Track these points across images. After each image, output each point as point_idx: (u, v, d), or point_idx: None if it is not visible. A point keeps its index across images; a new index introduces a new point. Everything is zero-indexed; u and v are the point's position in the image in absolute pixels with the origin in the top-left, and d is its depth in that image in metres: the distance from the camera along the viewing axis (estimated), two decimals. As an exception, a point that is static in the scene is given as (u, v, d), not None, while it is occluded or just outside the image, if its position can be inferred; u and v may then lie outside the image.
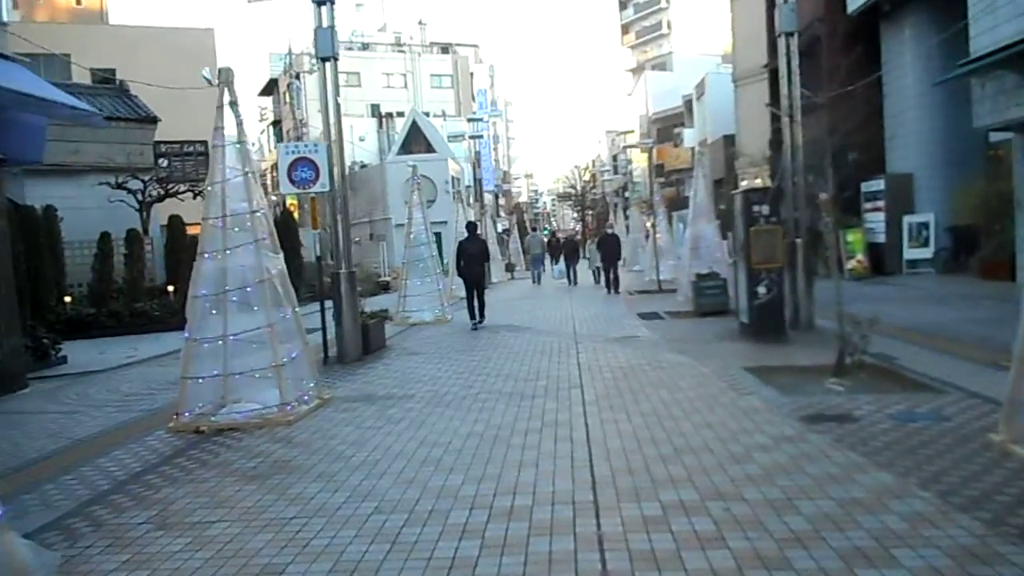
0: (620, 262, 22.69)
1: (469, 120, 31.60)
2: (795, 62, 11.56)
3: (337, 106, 10.48)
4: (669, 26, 79.05)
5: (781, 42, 11.80)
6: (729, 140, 32.67)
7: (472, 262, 14.04)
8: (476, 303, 13.76)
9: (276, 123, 61.19)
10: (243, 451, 5.83)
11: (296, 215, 41.28)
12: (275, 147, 59.03)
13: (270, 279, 7.08)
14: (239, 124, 7.19)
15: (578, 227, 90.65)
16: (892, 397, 6.32)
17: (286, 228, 21.91)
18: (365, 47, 62.39)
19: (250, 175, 7.18)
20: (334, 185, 10.30)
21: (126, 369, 10.77)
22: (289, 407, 6.90)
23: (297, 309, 7.53)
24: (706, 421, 5.81)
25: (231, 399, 7.07)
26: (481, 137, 32.20)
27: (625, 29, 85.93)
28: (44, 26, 30.50)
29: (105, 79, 27.68)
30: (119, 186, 21.52)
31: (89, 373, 10.43)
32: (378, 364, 9.97)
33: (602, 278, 21.71)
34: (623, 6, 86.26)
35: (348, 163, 49.21)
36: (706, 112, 39.26)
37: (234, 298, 7.02)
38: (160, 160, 28.52)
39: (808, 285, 10.59)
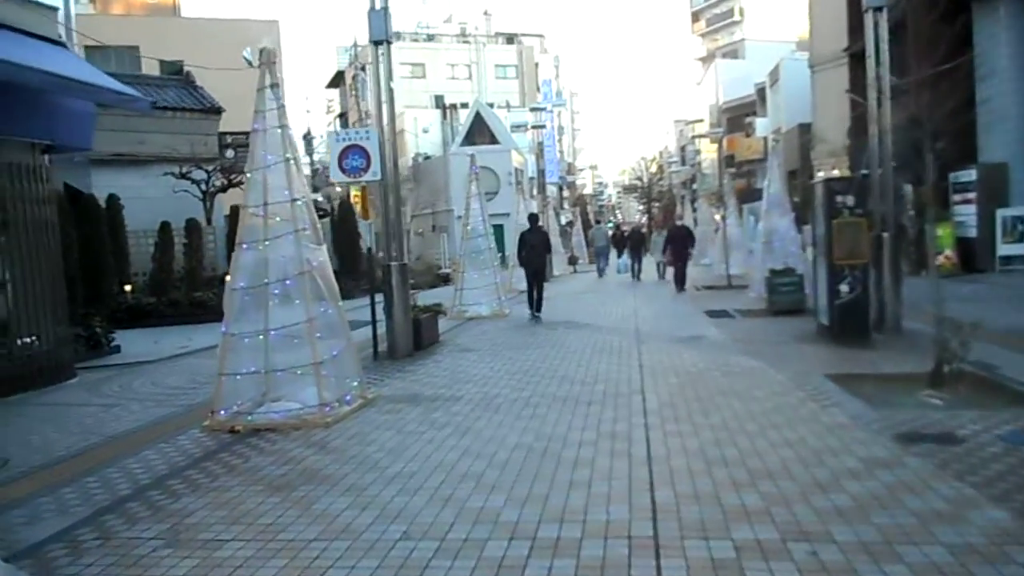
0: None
1: (532, 110, 30.97)
2: (884, 40, 10.60)
3: (390, 92, 10.06)
4: (741, 13, 76.81)
5: (868, 18, 10.83)
6: (804, 129, 31.17)
7: (532, 253, 14.28)
8: (536, 294, 14.00)
9: (342, 115, 61.77)
10: (274, 455, 5.43)
11: (360, 207, 41.75)
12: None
13: (310, 271, 6.67)
14: (281, 107, 6.79)
15: (643, 219, 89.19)
16: (1000, 414, 5.51)
17: (343, 221, 21.79)
18: (430, 38, 62.37)
19: (292, 162, 6.78)
20: (386, 174, 9.89)
21: (177, 360, 10.62)
22: (328, 408, 6.49)
23: (340, 304, 7.11)
24: (784, 438, 5.13)
25: (272, 397, 6.71)
26: (544, 127, 31.58)
27: (695, 16, 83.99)
28: (114, 20, 31.21)
29: (173, 71, 28.13)
30: (183, 176, 21.74)
31: (139, 364, 10.30)
32: (428, 361, 9.52)
33: (667, 273, 20.88)
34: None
35: (411, 154, 49.26)
36: (780, 100, 37.70)
37: (275, 291, 6.65)
38: (226, 150, 28.93)
39: (896, 284, 9.68)
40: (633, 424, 5.70)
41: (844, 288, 9.03)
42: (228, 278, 6.74)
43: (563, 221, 48.19)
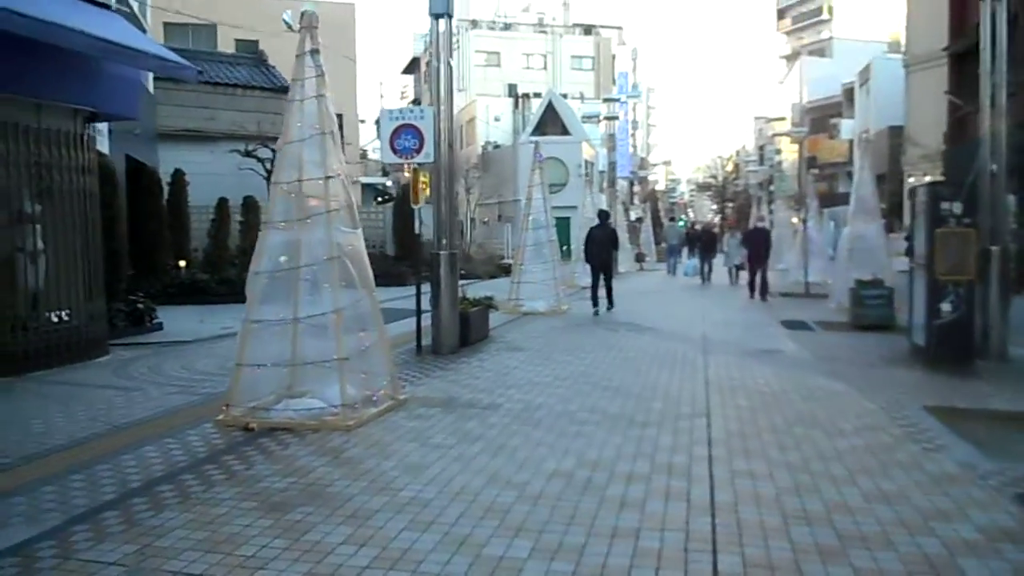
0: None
1: (606, 100, 29.95)
2: (1002, 32, 9.39)
3: (449, 69, 9.37)
4: (830, 11, 73.74)
5: (985, 7, 9.62)
6: (895, 132, 29.29)
7: (600, 249, 14.35)
8: (602, 290, 14.13)
9: (415, 102, 61.75)
10: (281, 463, 4.81)
11: (426, 191, 41.38)
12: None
13: (340, 257, 6.03)
14: (320, 76, 6.15)
15: (716, 219, 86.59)
16: None
17: (403, 205, 21.32)
18: (507, 27, 61.65)
19: (328, 136, 6.14)
20: (439, 156, 9.21)
21: (216, 341, 10.20)
22: (352, 409, 5.86)
23: (375, 293, 6.46)
24: (881, 490, 4.22)
25: (296, 391, 6.12)
26: (617, 118, 30.49)
27: (781, 14, 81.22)
28: (196, -3, 31.44)
29: (249, 51, 28.16)
30: (247, 154, 21.62)
31: (177, 344, 9.92)
32: (473, 359, 8.83)
33: (737, 277, 19.67)
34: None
35: (481, 142, 48.62)
36: (870, 101, 35.66)
37: (306, 277, 6.04)
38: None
39: (1004, 304, 8.50)
40: (695, 456, 4.86)
41: (946, 307, 7.93)
42: (252, 260, 6.16)
43: (632, 217, 46.97)
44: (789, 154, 60.16)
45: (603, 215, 15.70)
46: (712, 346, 9.65)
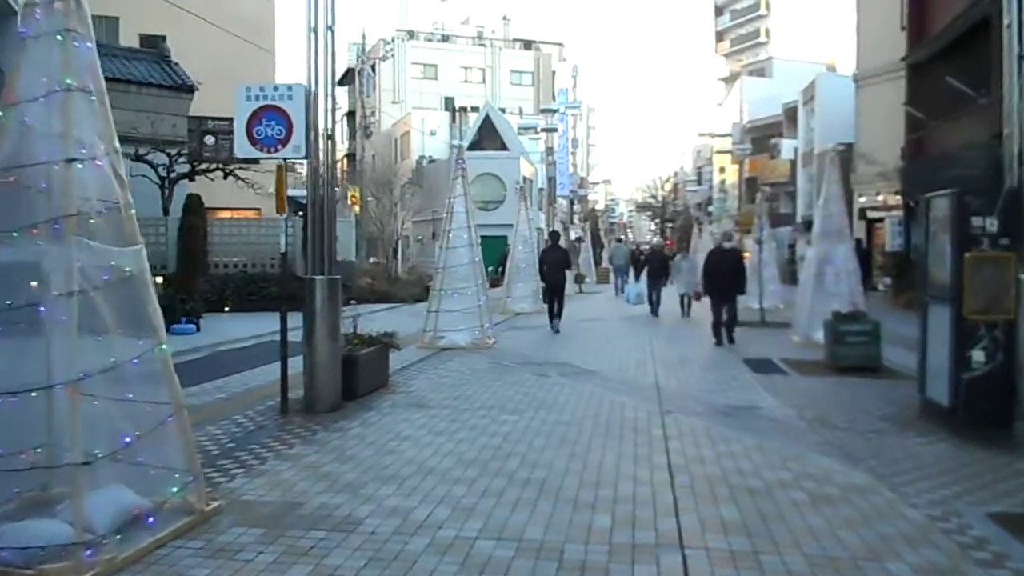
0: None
1: (544, 111, 28.06)
2: None
3: (330, 35, 7.09)
4: (767, 34, 74.39)
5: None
6: (845, 150, 28.12)
7: (554, 269, 14.83)
8: (556, 307, 14.51)
9: (350, 114, 59.17)
10: None
11: (356, 207, 38.80)
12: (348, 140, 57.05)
13: (88, 292, 3.68)
14: (71, 4, 3.82)
15: (654, 240, 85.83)
16: None
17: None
18: (445, 39, 59.71)
19: (80, 95, 3.81)
20: (314, 149, 6.94)
21: None
22: (97, 547, 3.49)
23: (164, 346, 4.12)
24: None
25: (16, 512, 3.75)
26: (555, 130, 28.61)
27: (720, 36, 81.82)
28: (93, -13, 28.45)
29: (153, 45, 25.26)
30: (138, 158, 18.88)
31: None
32: (355, 423, 6.52)
33: (689, 308, 17.35)
34: (719, 12, 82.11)
35: (416, 156, 46.32)
36: (815, 119, 34.68)
37: (18, 320, 3.67)
38: (206, 137, 26.12)
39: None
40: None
41: (978, 356, 5.99)
42: None
43: (572, 236, 45.23)
44: (730, 176, 59.66)
45: (555, 236, 17.06)
46: (670, 400, 7.54)
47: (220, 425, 6.44)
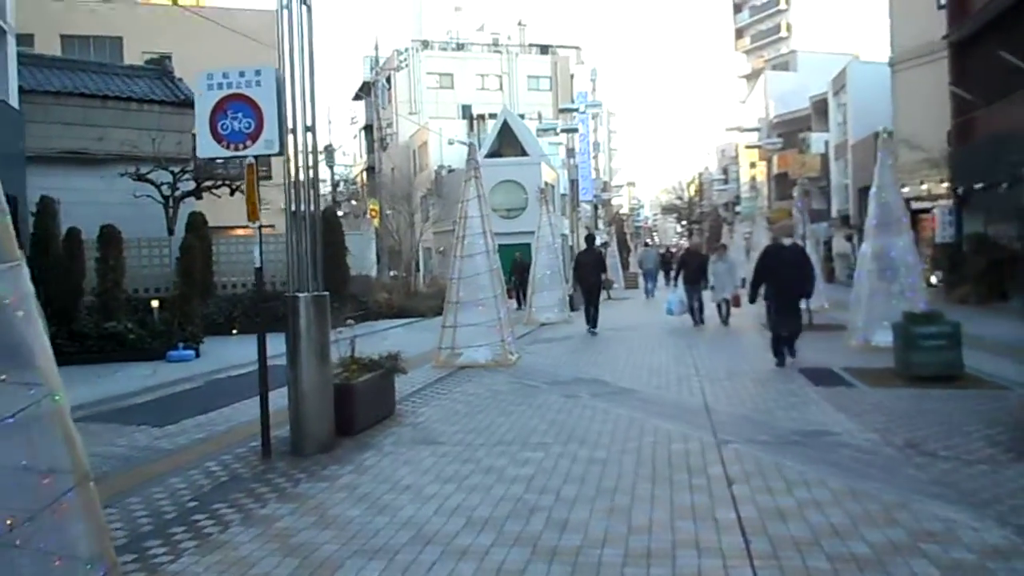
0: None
1: (563, 111, 26.95)
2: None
3: (305, 8, 6.04)
4: (789, 29, 72.80)
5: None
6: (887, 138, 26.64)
7: (587, 272, 15.06)
8: (590, 311, 14.65)
9: (367, 127, 58.64)
10: None
11: (376, 220, 37.97)
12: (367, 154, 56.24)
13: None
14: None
15: (682, 241, 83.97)
16: None
17: (327, 230, 17.87)
18: (460, 47, 58.92)
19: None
20: (291, 143, 5.88)
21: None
22: None
23: (58, 396, 3.05)
24: None
25: None
26: (576, 131, 27.47)
27: (739, 33, 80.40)
28: (95, 7, 27.98)
29: (157, 64, 24.58)
30: (140, 177, 18.11)
31: None
32: (345, 471, 5.41)
33: (728, 315, 15.20)
34: (737, 9, 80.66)
35: (435, 166, 45.59)
36: (847, 109, 33.16)
37: None
38: (217, 155, 25.35)
39: None
40: None
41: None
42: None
43: (598, 241, 43.96)
44: (758, 173, 58.06)
45: (590, 240, 16.95)
46: (724, 425, 6.34)
47: (187, 476, 5.38)
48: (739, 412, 6.89)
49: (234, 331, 16.31)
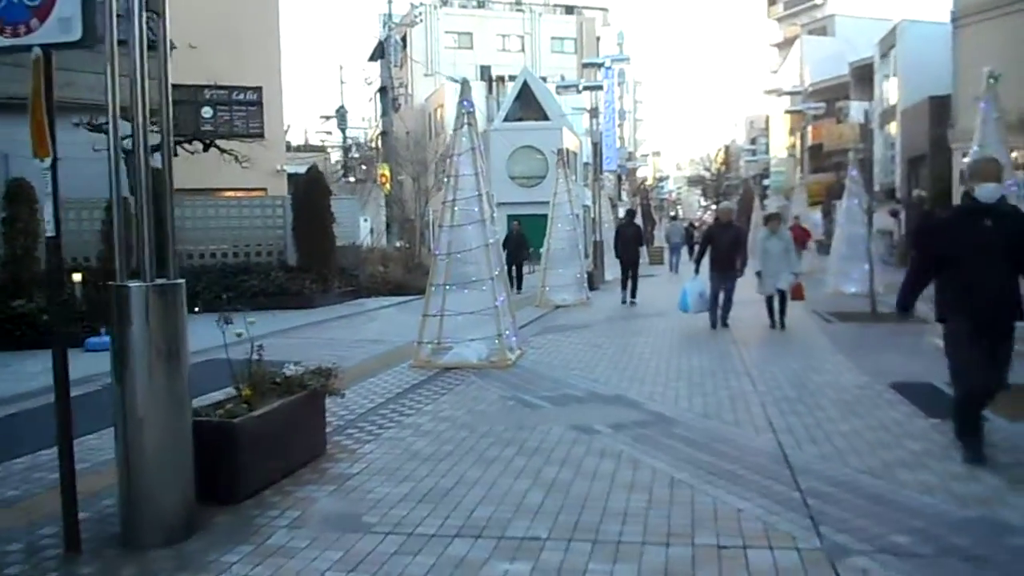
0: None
1: (586, 66, 24.31)
2: None
3: None
4: (825, -6, 68.73)
5: None
6: (938, 103, 23.75)
7: (628, 245, 15.23)
8: (630, 283, 14.86)
9: (383, 90, 56.07)
10: None
11: (386, 186, 35.57)
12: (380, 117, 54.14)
13: None
14: None
15: (707, 216, 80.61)
16: None
17: (308, 197, 15.52)
18: (481, 5, 55.92)
19: None
20: (106, 32, 3.54)
21: None
22: None
23: None
24: None
25: None
26: (600, 88, 24.78)
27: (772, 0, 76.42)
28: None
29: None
30: (95, 128, 15.84)
31: None
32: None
33: (782, 314, 10.83)
34: (771, -27, 76.54)
35: (451, 130, 43.34)
36: (898, 71, 30.06)
37: None
38: (203, 108, 23.13)
39: None
40: None
41: None
42: None
43: (620, 213, 41.28)
44: (795, 141, 54.79)
45: (630, 214, 18.40)
46: (825, 503, 3.95)
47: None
48: (838, 469, 4.49)
49: (196, 309, 14.10)
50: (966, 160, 21.21)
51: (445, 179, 8.88)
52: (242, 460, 4.22)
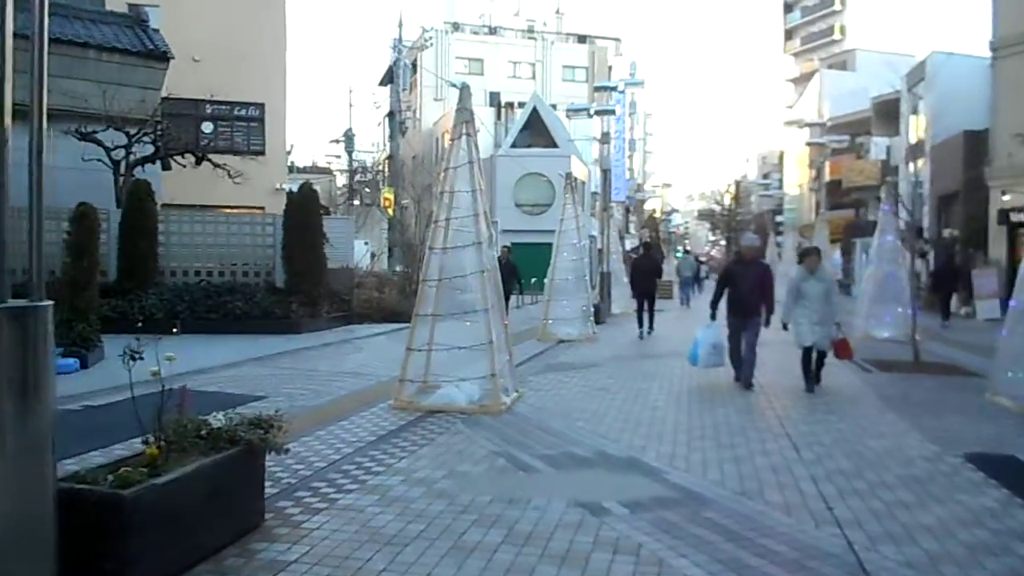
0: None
1: (598, 89, 23.40)
2: None
3: None
4: (843, 31, 68.60)
5: None
6: (973, 137, 22.69)
7: (644, 277, 15.37)
8: (646, 315, 15.00)
9: (391, 114, 55.54)
10: None
11: (390, 210, 34.75)
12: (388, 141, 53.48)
13: None
14: None
15: (712, 251, 79.29)
16: None
17: (300, 215, 14.46)
18: (493, 31, 55.48)
19: None
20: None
21: None
22: None
23: None
24: None
25: None
26: (613, 113, 23.85)
27: (789, 35, 76.33)
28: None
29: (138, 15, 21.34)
30: (84, 137, 14.96)
31: None
32: None
33: (819, 372, 8.81)
34: (788, 9, 76.52)
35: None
36: (929, 105, 29.08)
37: None
38: (204, 123, 22.37)
39: None
40: None
41: None
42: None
43: (628, 246, 40.22)
44: (803, 179, 53.87)
45: (647, 246, 18.68)
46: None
47: None
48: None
49: (174, 330, 13.00)
50: (1006, 198, 20.34)
51: (439, 194, 7.77)
52: (134, 546, 3.09)
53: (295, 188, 22.56)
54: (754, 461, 5.43)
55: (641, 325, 14.78)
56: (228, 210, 19.81)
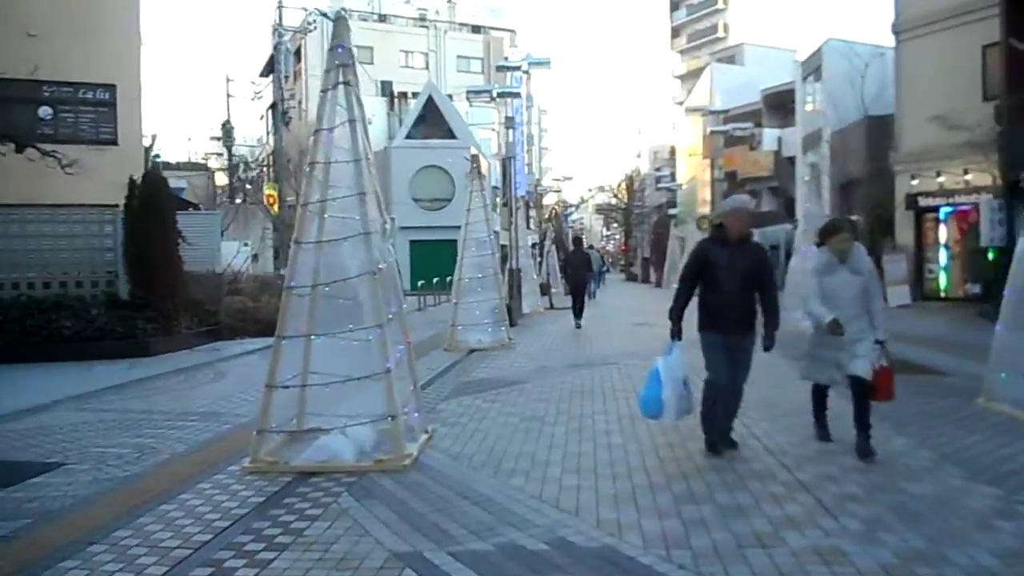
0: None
1: (500, 69, 21.58)
2: None
3: None
4: (726, 29, 70.31)
5: None
6: (877, 123, 22.19)
7: (578, 271, 16.85)
8: (579, 306, 15.98)
9: (273, 106, 51.95)
10: None
11: (274, 208, 31.91)
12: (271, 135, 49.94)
13: None
14: None
15: (607, 245, 79.20)
16: None
17: (147, 212, 11.87)
18: (383, 19, 52.81)
19: None
20: None
21: None
22: None
23: None
24: None
25: None
26: (518, 95, 22.07)
27: (676, 32, 77.67)
28: None
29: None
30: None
31: None
32: None
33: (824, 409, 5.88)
34: (675, 7, 77.83)
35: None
36: (826, 93, 28.76)
37: None
38: (41, 108, 19.03)
39: None
40: None
41: None
42: None
43: (530, 241, 38.66)
44: (699, 172, 54.00)
45: (577, 242, 20.10)
46: None
47: None
48: None
49: (-18, 358, 10.21)
50: (914, 183, 19.84)
51: (307, 168, 5.65)
52: None
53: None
54: (784, 538, 3.64)
55: (577, 316, 15.66)
56: (58, 208, 16.79)
